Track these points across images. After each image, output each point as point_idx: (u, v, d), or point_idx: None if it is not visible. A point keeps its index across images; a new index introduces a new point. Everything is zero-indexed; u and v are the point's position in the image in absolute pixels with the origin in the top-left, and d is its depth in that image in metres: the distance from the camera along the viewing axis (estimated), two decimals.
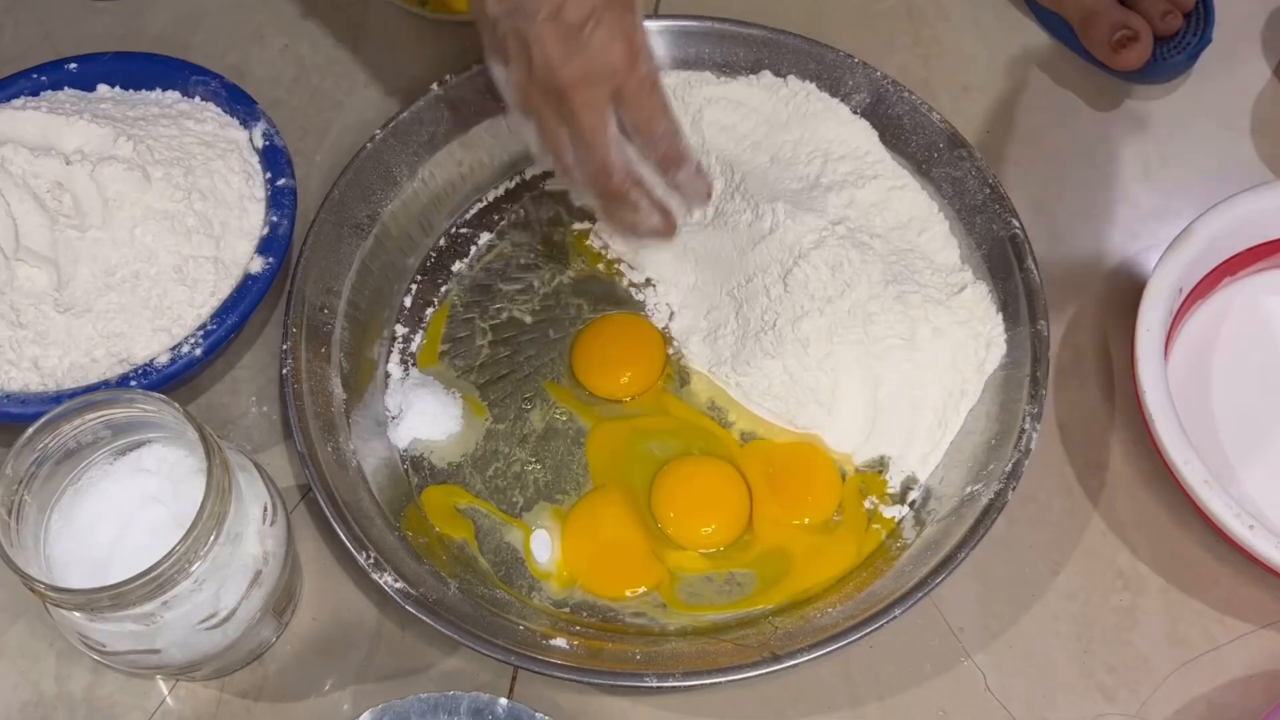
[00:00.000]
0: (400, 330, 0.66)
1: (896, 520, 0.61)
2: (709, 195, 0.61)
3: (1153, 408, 0.57)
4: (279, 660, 0.59)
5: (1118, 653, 0.59)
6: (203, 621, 0.51)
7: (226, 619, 0.52)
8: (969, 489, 0.59)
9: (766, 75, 0.69)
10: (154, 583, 0.48)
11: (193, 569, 0.49)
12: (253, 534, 0.53)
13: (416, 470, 0.63)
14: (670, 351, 0.65)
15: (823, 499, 0.61)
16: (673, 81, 0.69)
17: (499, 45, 0.55)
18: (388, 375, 0.65)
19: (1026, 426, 0.59)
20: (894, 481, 0.62)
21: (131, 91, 0.68)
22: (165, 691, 0.58)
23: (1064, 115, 0.75)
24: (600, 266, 0.68)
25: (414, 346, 0.66)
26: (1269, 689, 0.58)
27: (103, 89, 0.68)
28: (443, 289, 0.68)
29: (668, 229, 0.59)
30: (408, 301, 0.67)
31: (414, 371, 0.65)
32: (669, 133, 0.56)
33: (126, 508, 0.53)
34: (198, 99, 0.68)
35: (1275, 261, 0.66)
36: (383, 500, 0.60)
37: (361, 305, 0.65)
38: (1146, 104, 0.75)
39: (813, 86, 0.68)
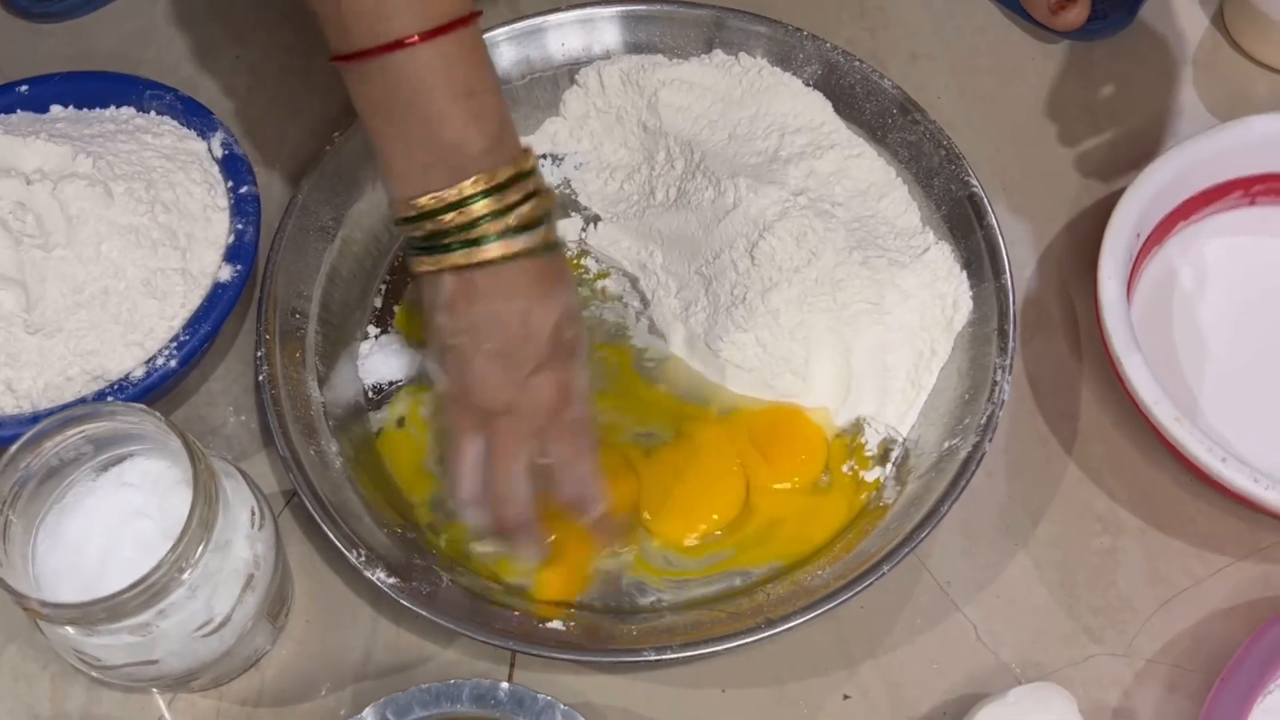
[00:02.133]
0: (373, 331, 0.66)
1: (878, 481, 0.61)
2: (622, 538, 0.61)
3: (1119, 352, 0.58)
4: (276, 665, 0.58)
5: (1102, 595, 0.60)
6: (199, 629, 0.51)
7: (222, 625, 0.52)
8: (946, 444, 0.60)
9: (718, 54, 0.70)
10: (148, 591, 0.48)
11: (185, 576, 0.49)
12: (242, 539, 0.52)
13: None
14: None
15: (813, 456, 0.62)
16: (626, 66, 0.69)
17: (441, 356, 0.56)
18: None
19: (998, 379, 0.60)
20: (872, 443, 0.62)
21: (85, 110, 0.67)
22: (163, 706, 0.58)
23: (1011, 76, 0.76)
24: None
25: None
26: (1249, 619, 0.59)
27: (56, 109, 0.67)
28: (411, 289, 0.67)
29: (535, 557, 0.59)
30: (378, 303, 0.67)
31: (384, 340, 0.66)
32: (583, 477, 0.56)
33: (112, 523, 0.53)
34: (153, 113, 0.67)
35: (1225, 204, 0.67)
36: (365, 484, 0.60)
37: (333, 308, 0.65)
38: (1091, 60, 0.76)
39: (764, 62, 0.69)
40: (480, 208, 0.52)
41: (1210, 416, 0.62)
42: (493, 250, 0.52)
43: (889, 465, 0.62)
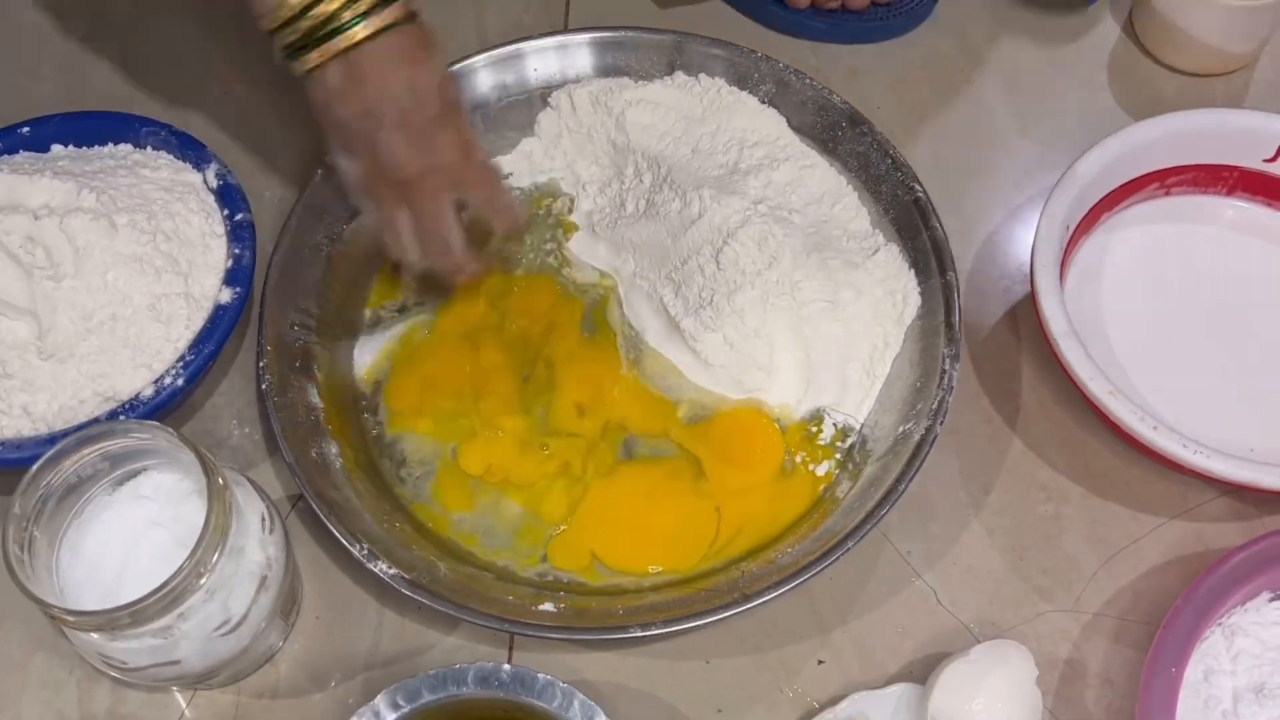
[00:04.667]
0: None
1: (830, 474, 0.62)
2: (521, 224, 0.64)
3: (1056, 334, 0.59)
4: (289, 659, 0.58)
5: (1049, 557, 0.61)
6: (217, 629, 0.51)
7: (239, 624, 0.52)
8: (901, 428, 0.61)
9: (680, 75, 0.70)
10: (169, 597, 0.48)
11: (202, 581, 0.49)
12: (254, 543, 0.52)
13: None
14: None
15: (770, 451, 0.62)
16: (595, 89, 0.70)
17: (346, 143, 0.58)
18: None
19: (947, 367, 0.61)
20: (832, 430, 0.63)
21: (85, 148, 0.67)
22: (183, 704, 0.57)
23: (943, 87, 0.77)
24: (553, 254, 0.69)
25: None
26: (1184, 572, 0.60)
27: (57, 148, 0.67)
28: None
29: (478, 275, 0.64)
30: (368, 315, 0.67)
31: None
32: (510, 205, 0.62)
33: (129, 534, 0.53)
34: (149, 149, 0.67)
35: (1143, 195, 0.69)
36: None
37: (329, 319, 0.65)
38: (1017, 69, 0.77)
39: (723, 82, 0.70)
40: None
41: (1140, 389, 0.64)
42: (360, 31, 0.54)
43: (849, 449, 0.62)
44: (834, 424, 0.63)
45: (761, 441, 0.63)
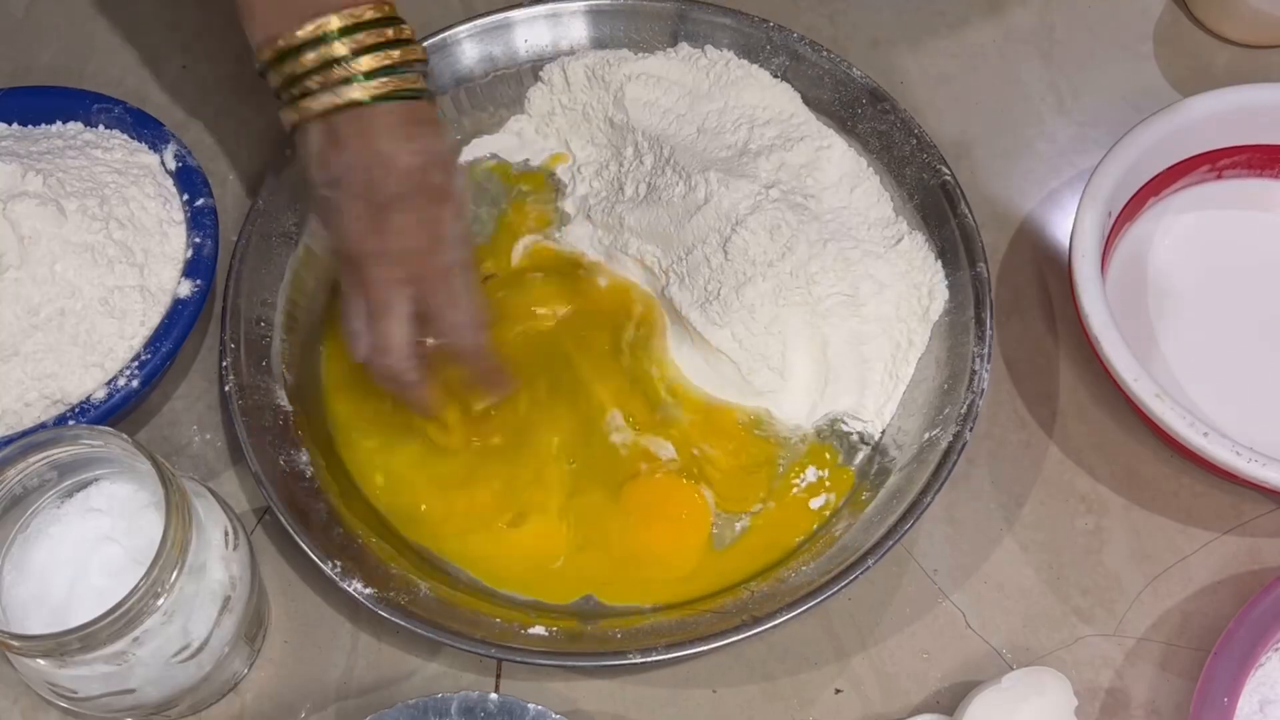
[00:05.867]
0: None
1: (858, 474, 0.62)
2: (507, 389, 0.61)
3: (1097, 330, 0.59)
4: (255, 688, 0.58)
5: (1089, 575, 0.61)
6: (176, 655, 0.51)
7: (199, 650, 0.52)
8: (927, 435, 0.60)
9: (684, 47, 0.70)
10: (122, 619, 0.48)
11: (160, 602, 0.49)
12: (217, 560, 0.52)
13: None
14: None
15: (696, 517, 0.61)
16: (591, 61, 0.69)
17: (315, 209, 0.58)
18: None
19: (977, 368, 0.61)
20: (851, 437, 0.63)
21: (31, 127, 0.67)
22: None
23: (973, 58, 0.77)
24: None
25: None
26: (1237, 592, 0.60)
27: (0, 127, 0.67)
28: None
29: (426, 413, 0.60)
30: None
31: None
32: (460, 325, 0.57)
33: (80, 550, 0.52)
34: (101, 127, 0.67)
35: (1194, 179, 0.69)
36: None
37: (298, 315, 0.65)
38: (1053, 38, 0.77)
39: (731, 54, 0.69)
40: (340, 47, 0.53)
41: (1189, 391, 0.63)
42: (354, 92, 0.53)
43: (869, 457, 0.62)
44: (859, 428, 0.63)
45: (686, 508, 0.62)
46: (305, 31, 0.53)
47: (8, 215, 0.58)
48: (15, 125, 0.67)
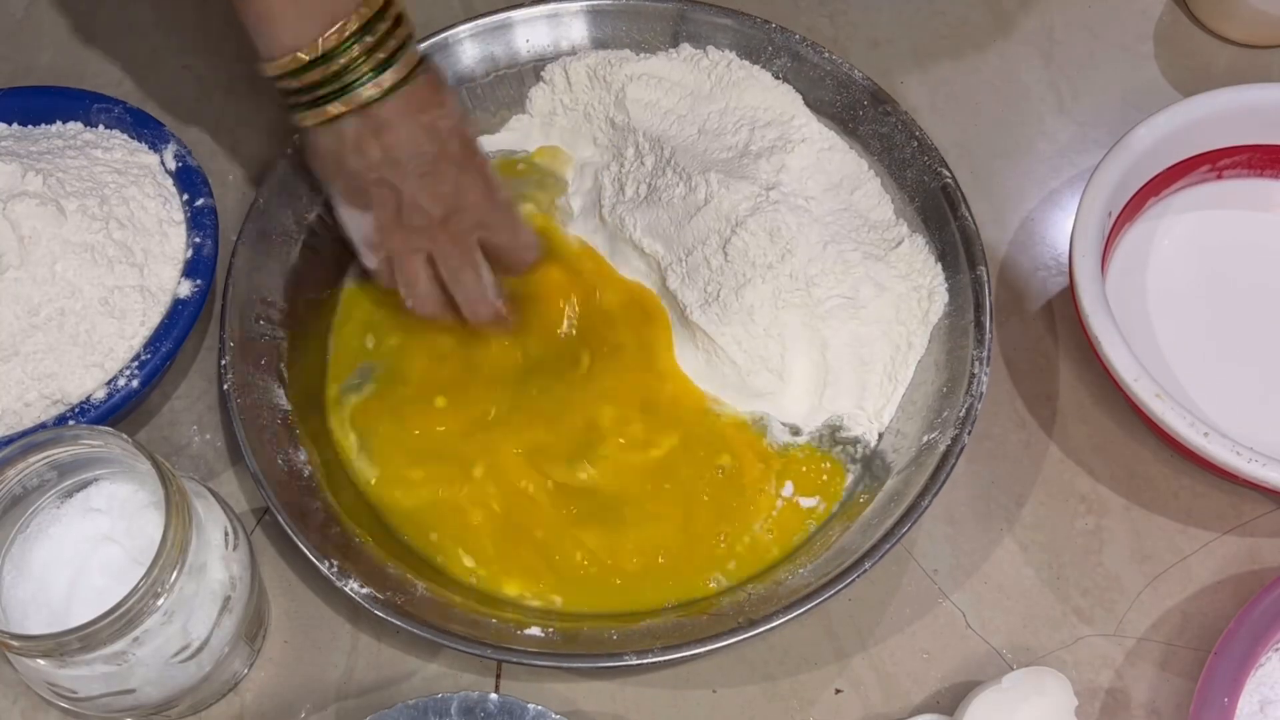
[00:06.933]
0: None
1: (856, 477, 0.62)
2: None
3: (1097, 330, 0.59)
4: (255, 688, 0.58)
5: (1089, 575, 0.61)
6: (176, 655, 0.51)
7: (199, 650, 0.52)
8: (925, 438, 0.60)
9: (686, 48, 0.70)
10: (122, 619, 0.48)
11: (160, 602, 0.49)
12: (217, 560, 0.52)
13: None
14: None
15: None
16: (593, 62, 0.70)
17: (356, 194, 0.60)
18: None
19: (976, 371, 0.60)
20: (850, 440, 0.63)
21: (31, 127, 0.67)
22: None
23: (973, 58, 0.77)
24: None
25: None
26: (1238, 592, 0.60)
27: (0, 127, 0.67)
28: None
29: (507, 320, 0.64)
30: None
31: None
32: (531, 245, 0.63)
33: (80, 550, 0.52)
34: (101, 127, 0.67)
35: (1194, 179, 0.69)
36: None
37: (298, 313, 0.65)
38: (1052, 39, 0.77)
39: (733, 55, 0.69)
40: (358, 48, 0.55)
41: (1189, 391, 0.64)
42: (387, 79, 0.56)
43: (867, 460, 0.62)
44: (857, 431, 0.63)
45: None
46: (327, 39, 0.55)
47: (8, 215, 0.59)
48: (15, 125, 0.67)
